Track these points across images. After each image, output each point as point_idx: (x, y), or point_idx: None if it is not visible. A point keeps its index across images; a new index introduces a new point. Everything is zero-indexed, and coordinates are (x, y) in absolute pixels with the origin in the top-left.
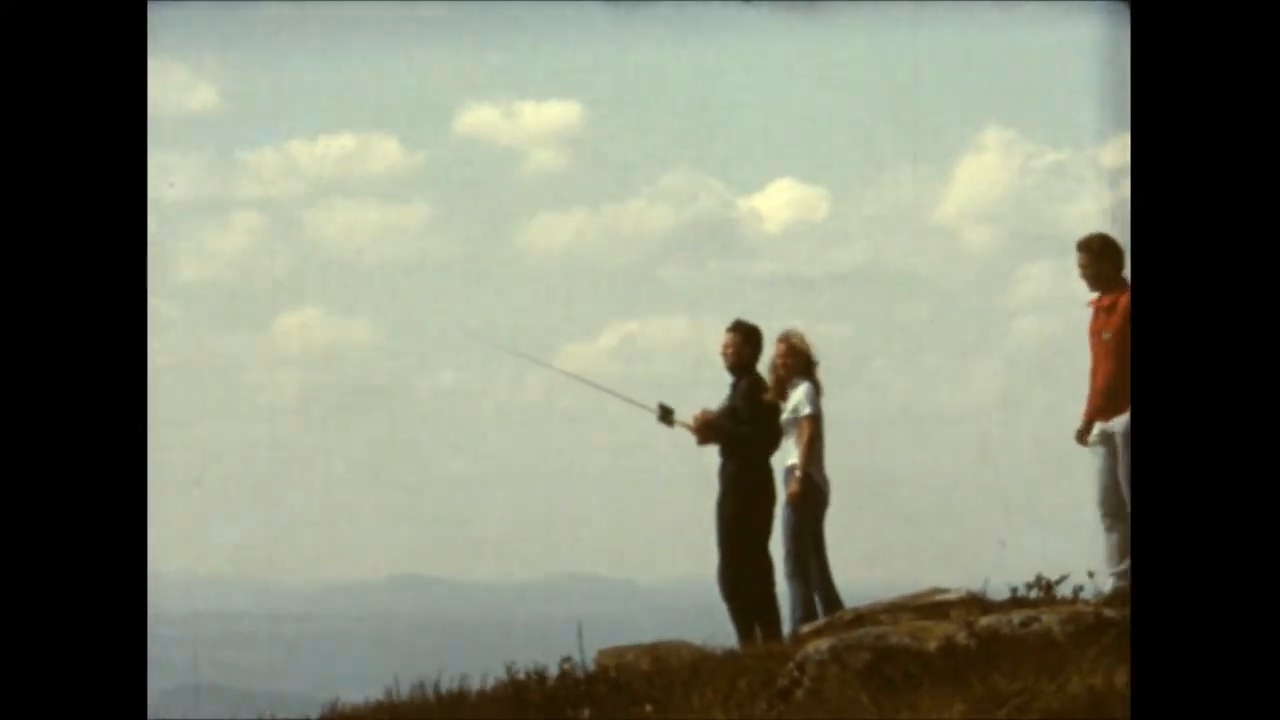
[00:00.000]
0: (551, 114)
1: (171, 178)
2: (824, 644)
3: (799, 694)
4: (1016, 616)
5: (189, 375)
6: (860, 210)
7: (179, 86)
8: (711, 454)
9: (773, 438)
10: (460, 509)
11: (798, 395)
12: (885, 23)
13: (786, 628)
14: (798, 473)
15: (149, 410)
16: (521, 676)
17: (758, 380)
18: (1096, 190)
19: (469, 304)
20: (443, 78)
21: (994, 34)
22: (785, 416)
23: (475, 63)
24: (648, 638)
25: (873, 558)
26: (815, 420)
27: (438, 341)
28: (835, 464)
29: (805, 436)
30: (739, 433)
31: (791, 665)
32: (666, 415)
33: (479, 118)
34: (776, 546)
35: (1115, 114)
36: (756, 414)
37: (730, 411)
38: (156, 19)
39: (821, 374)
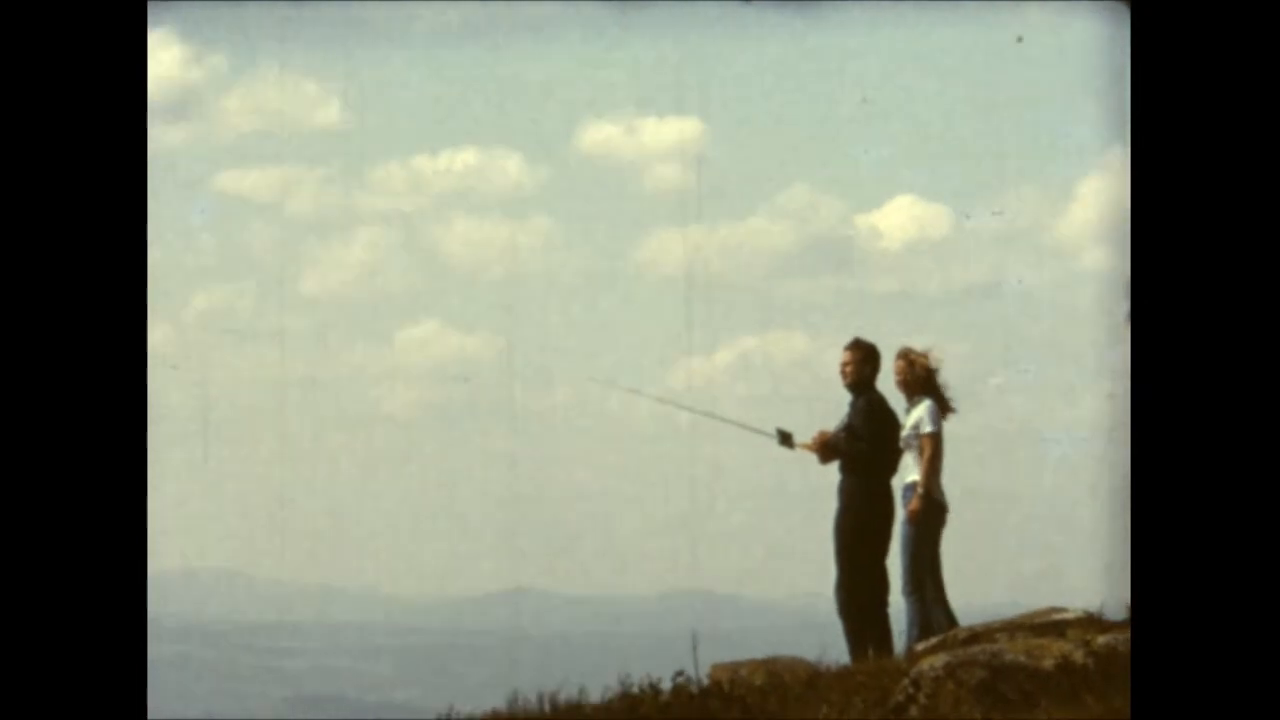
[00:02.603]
0: (672, 130)
1: (296, 192)
2: (939, 660)
3: (913, 710)
4: None
5: (314, 388)
6: (980, 227)
7: (308, 102)
8: (827, 471)
9: (892, 456)
10: (576, 524)
11: (918, 412)
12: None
13: (900, 645)
14: (918, 490)
15: (278, 422)
16: (635, 690)
17: (876, 398)
18: None
19: (588, 319)
20: (565, 94)
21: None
22: (905, 433)
23: (597, 79)
24: (759, 653)
25: (989, 577)
26: (936, 438)
27: (557, 356)
28: (953, 482)
29: (926, 454)
30: (858, 450)
31: (906, 681)
32: (786, 439)
33: (601, 134)
34: (893, 563)
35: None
36: (875, 432)
37: (849, 429)
38: (290, 32)
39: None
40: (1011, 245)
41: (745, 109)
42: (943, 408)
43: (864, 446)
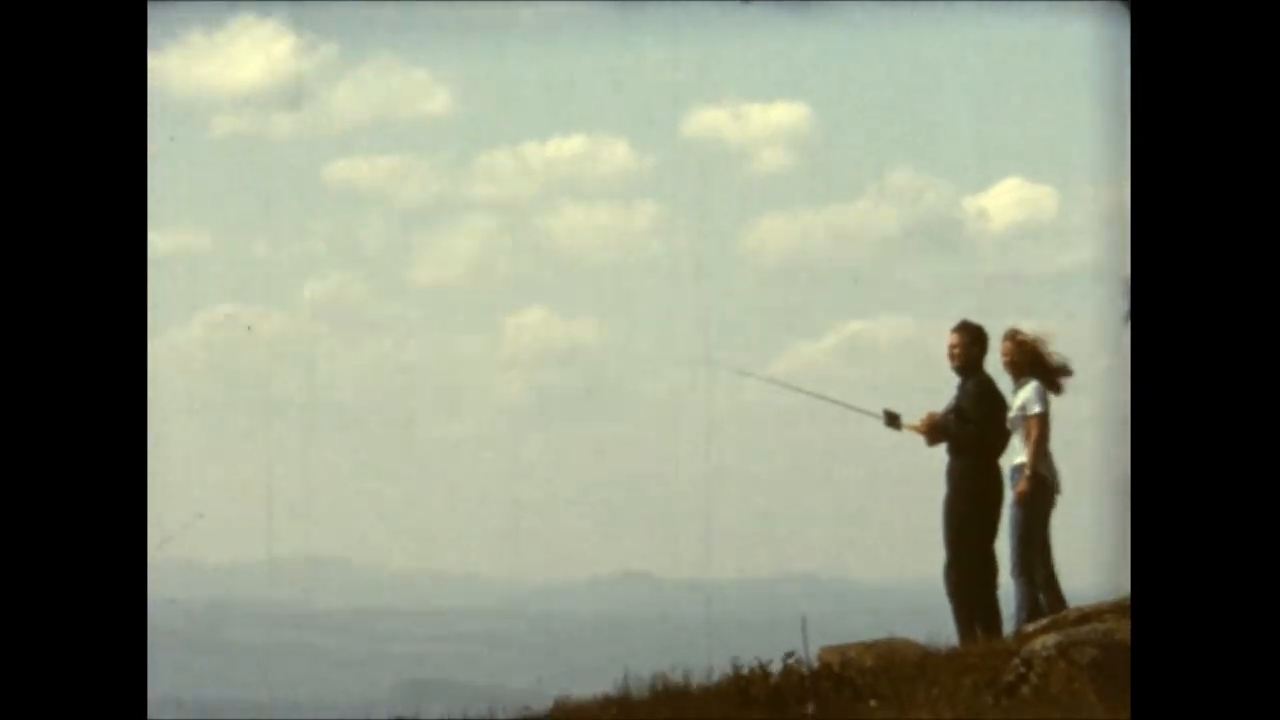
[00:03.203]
0: (778, 115)
1: (405, 181)
2: (1050, 640)
3: (1025, 690)
4: None
5: (423, 376)
6: (1088, 209)
7: (417, 90)
8: (936, 453)
9: (1001, 437)
10: (683, 509)
11: (1025, 393)
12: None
13: (1009, 627)
14: (1026, 471)
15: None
16: (746, 672)
17: (985, 380)
18: None
19: (696, 304)
20: (671, 80)
21: None
22: (1013, 415)
23: (703, 65)
24: (868, 637)
25: (1099, 559)
26: (1043, 419)
27: (664, 342)
28: (1062, 464)
29: (1034, 435)
30: (966, 433)
31: (1017, 661)
32: (894, 420)
33: (707, 119)
34: (1002, 546)
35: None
36: (984, 414)
37: (957, 411)
38: (400, 22)
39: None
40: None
41: (850, 93)
42: (1051, 388)
43: (972, 428)
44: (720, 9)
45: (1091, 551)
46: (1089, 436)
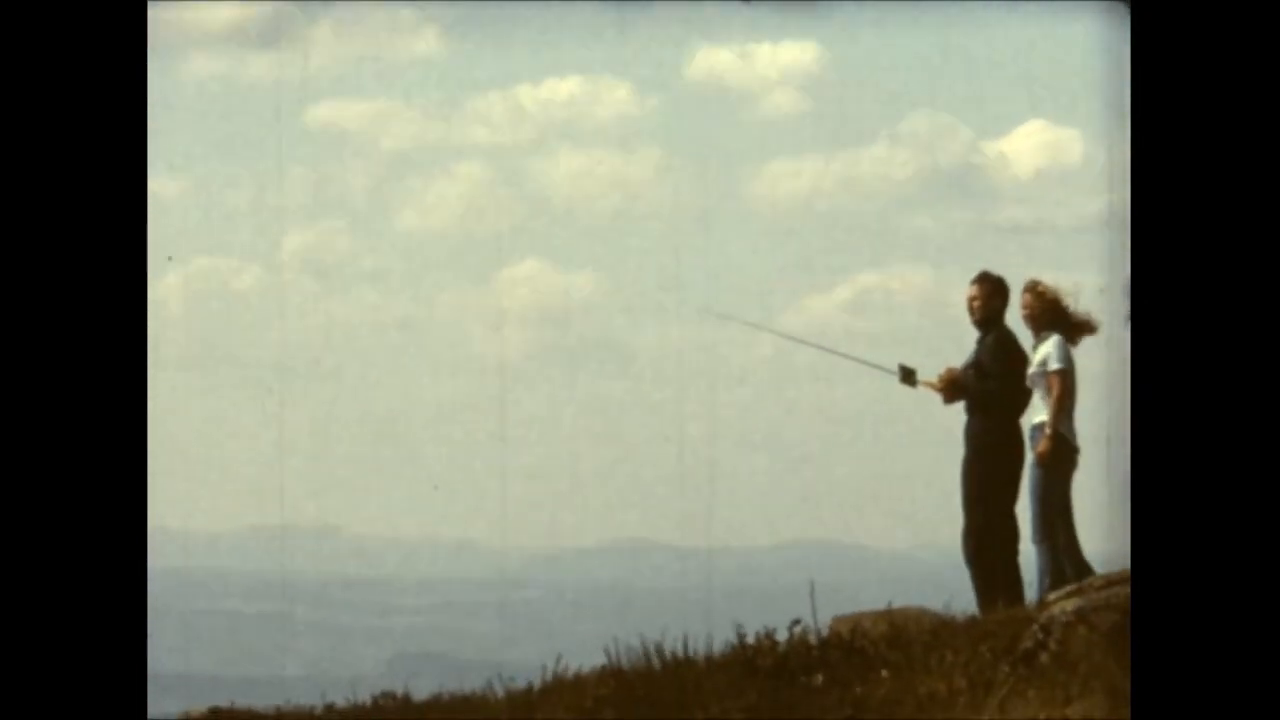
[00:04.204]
0: (787, 55)
1: (390, 126)
2: (1069, 605)
3: (1044, 658)
4: None
5: (410, 330)
6: (1116, 154)
7: (404, 29)
8: (954, 411)
9: (1022, 395)
10: (689, 473)
11: (1046, 348)
12: None
13: (1031, 595)
14: (1047, 430)
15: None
16: (751, 641)
17: (1006, 334)
18: None
19: (701, 255)
20: (674, 19)
21: None
22: (1033, 370)
23: (707, 3)
24: (882, 605)
25: (1122, 523)
26: (1065, 375)
27: (667, 295)
28: (1085, 423)
29: (1055, 392)
30: (986, 390)
31: (1035, 627)
32: (909, 376)
33: (712, 60)
34: (1023, 509)
35: None
36: (1005, 370)
37: (977, 367)
38: None
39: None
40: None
41: (862, 30)
42: (1073, 341)
43: (993, 385)
44: None
45: (1111, 516)
46: (1108, 394)
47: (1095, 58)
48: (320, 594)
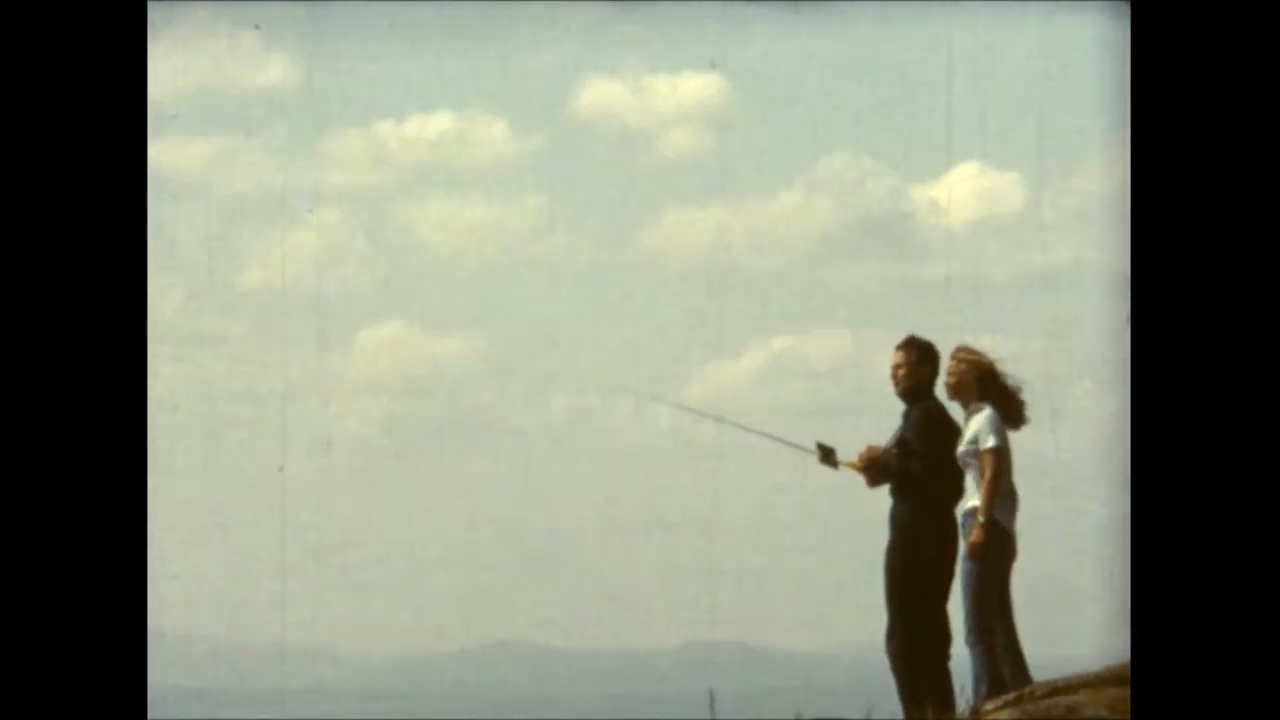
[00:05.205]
0: (689, 89)
1: (232, 168)
2: (1006, 715)
3: None
4: None
5: (257, 403)
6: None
7: (248, 58)
8: (877, 496)
9: (953, 476)
10: (574, 565)
11: (976, 423)
12: None
13: (963, 704)
14: (980, 518)
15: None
16: None
17: (935, 407)
18: None
19: (589, 316)
20: (560, 49)
21: None
22: (962, 450)
23: (599, 31)
24: (792, 715)
25: (1070, 624)
26: (999, 454)
27: (550, 362)
28: (1028, 510)
29: (988, 474)
30: (912, 470)
31: None
32: (828, 456)
33: (603, 94)
34: (955, 608)
35: None
36: (933, 448)
37: (901, 445)
38: None
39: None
40: (1096, 222)
41: (774, 63)
42: (1010, 418)
43: (918, 465)
44: None
45: (1068, 616)
46: (1060, 475)
47: (1033, 87)
48: (161, 704)
